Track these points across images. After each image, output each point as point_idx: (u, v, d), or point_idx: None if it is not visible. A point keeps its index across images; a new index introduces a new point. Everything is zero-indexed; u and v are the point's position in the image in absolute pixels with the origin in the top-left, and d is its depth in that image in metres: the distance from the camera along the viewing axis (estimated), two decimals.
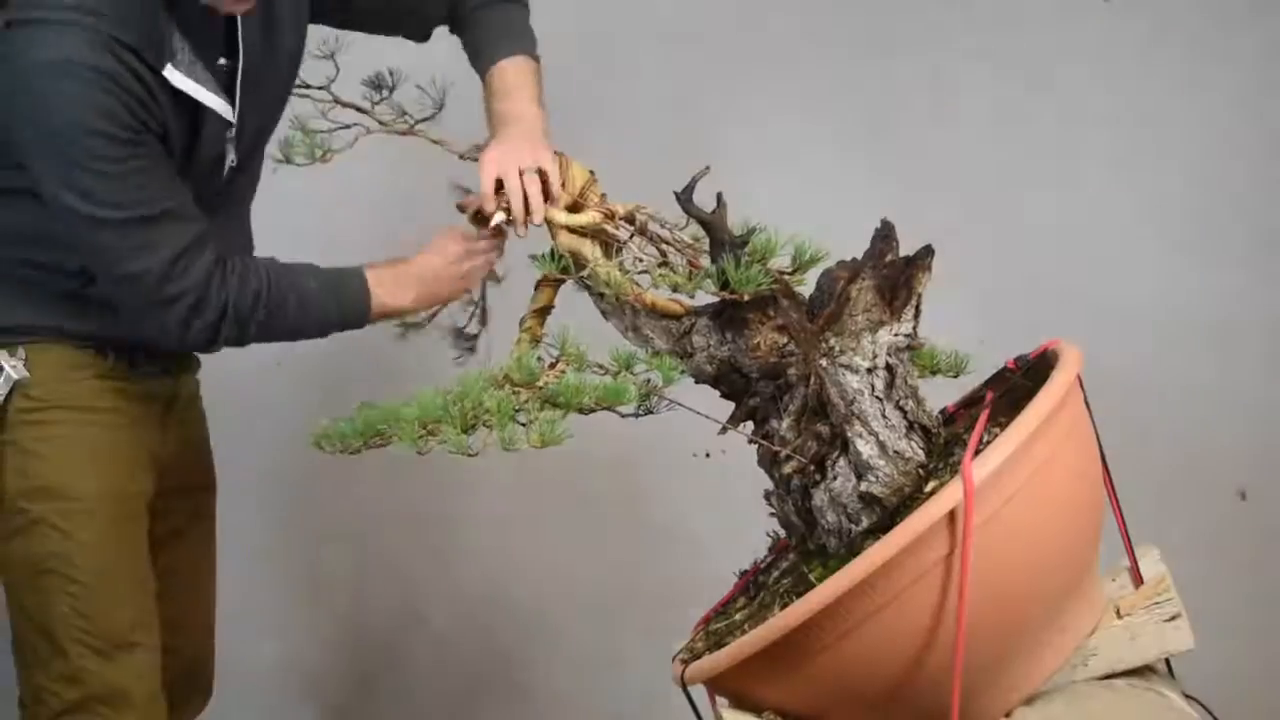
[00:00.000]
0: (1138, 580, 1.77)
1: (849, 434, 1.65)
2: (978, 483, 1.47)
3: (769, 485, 1.80)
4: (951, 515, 1.46)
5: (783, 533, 1.96)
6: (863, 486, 1.63)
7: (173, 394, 2.14)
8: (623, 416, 1.61)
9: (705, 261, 1.76)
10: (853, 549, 1.63)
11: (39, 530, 1.96)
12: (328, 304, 1.94)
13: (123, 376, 2.03)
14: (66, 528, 1.96)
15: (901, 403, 1.67)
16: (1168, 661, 1.80)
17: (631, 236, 1.78)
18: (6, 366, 1.96)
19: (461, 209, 1.94)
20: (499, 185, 1.84)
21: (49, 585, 1.96)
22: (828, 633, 1.49)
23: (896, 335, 1.67)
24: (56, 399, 1.97)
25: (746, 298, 1.64)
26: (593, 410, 1.59)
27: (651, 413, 1.62)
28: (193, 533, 2.23)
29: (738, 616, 1.79)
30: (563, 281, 1.80)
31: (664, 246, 1.79)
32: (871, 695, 1.55)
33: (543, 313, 1.81)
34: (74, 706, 1.97)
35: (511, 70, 2.05)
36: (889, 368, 1.66)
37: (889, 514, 1.62)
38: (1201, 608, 1.77)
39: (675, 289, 1.72)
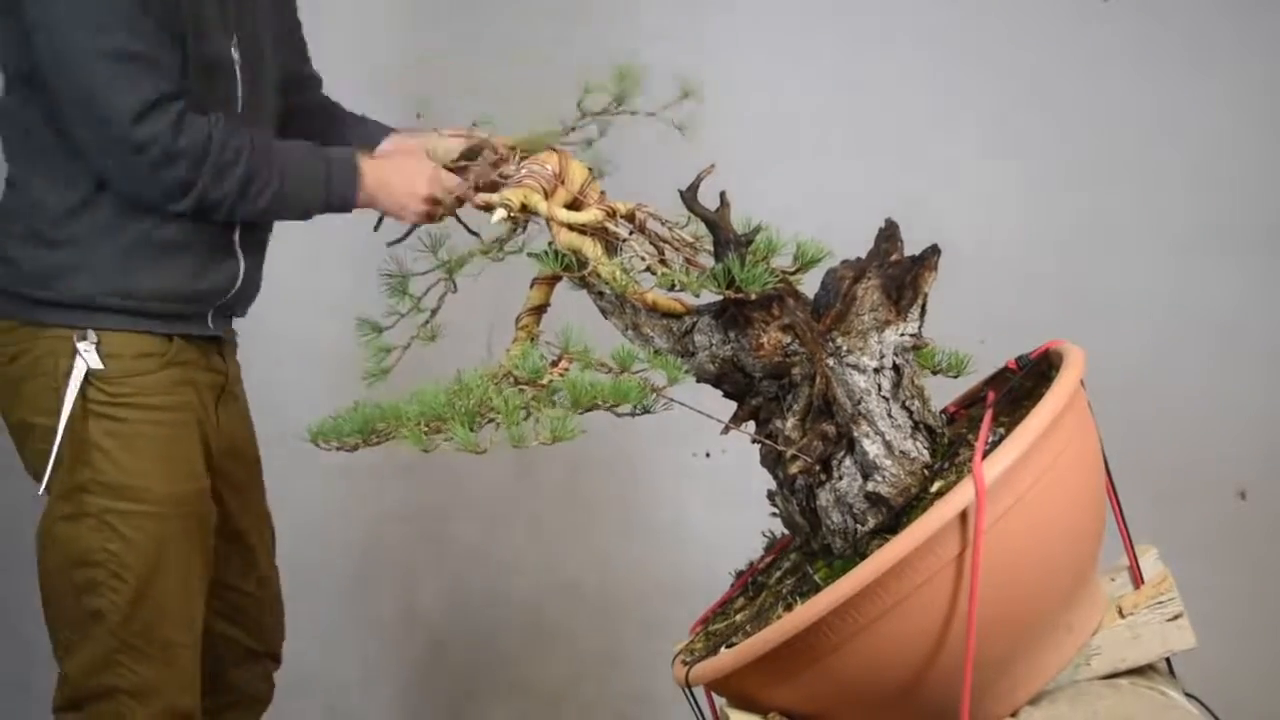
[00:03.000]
0: (1137, 580, 1.77)
1: (855, 434, 1.64)
2: (989, 482, 1.47)
3: (770, 485, 1.79)
4: (963, 515, 1.46)
5: (780, 532, 1.96)
6: (869, 486, 1.63)
7: (225, 376, 2.14)
8: (618, 415, 1.59)
9: (703, 260, 1.75)
10: (858, 549, 1.62)
11: (91, 524, 1.95)
12: (315, 168, 1.97)
13: (185, 360, 2.02)
14: (123, 529, 1.95)
15: (908, 403, 1.67)
16: (1168, 661, 1.80)
17: (631, 234, 1.77)
18: (80, 353, 1.93)
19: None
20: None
21: (90, 579, 1.95)
22: (837, 633, 1.49)
23: (903, 335, 1.67)
24: (127, 393, 1.96)
25: (754, 297, 1.63)
26: (596, 408, 1.57)
27: (649, 411, 1.60)
28: (248, 511, 2.25)
29: (738, 617, 1.78)
30: (558, 279, 1.79)
31: (664, 244, 1.78)
32: (880, 696, 1.54)
33: (538, 310, 1.79)
34: (99, 693, 1.97)
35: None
36: (896, 368, 1.66)
37: (895, 514, 1.62)
38: (1201, 607, 1.77)
39: (673, 288, 1.71)
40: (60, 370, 1.93)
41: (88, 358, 1.92)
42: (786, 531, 1.95)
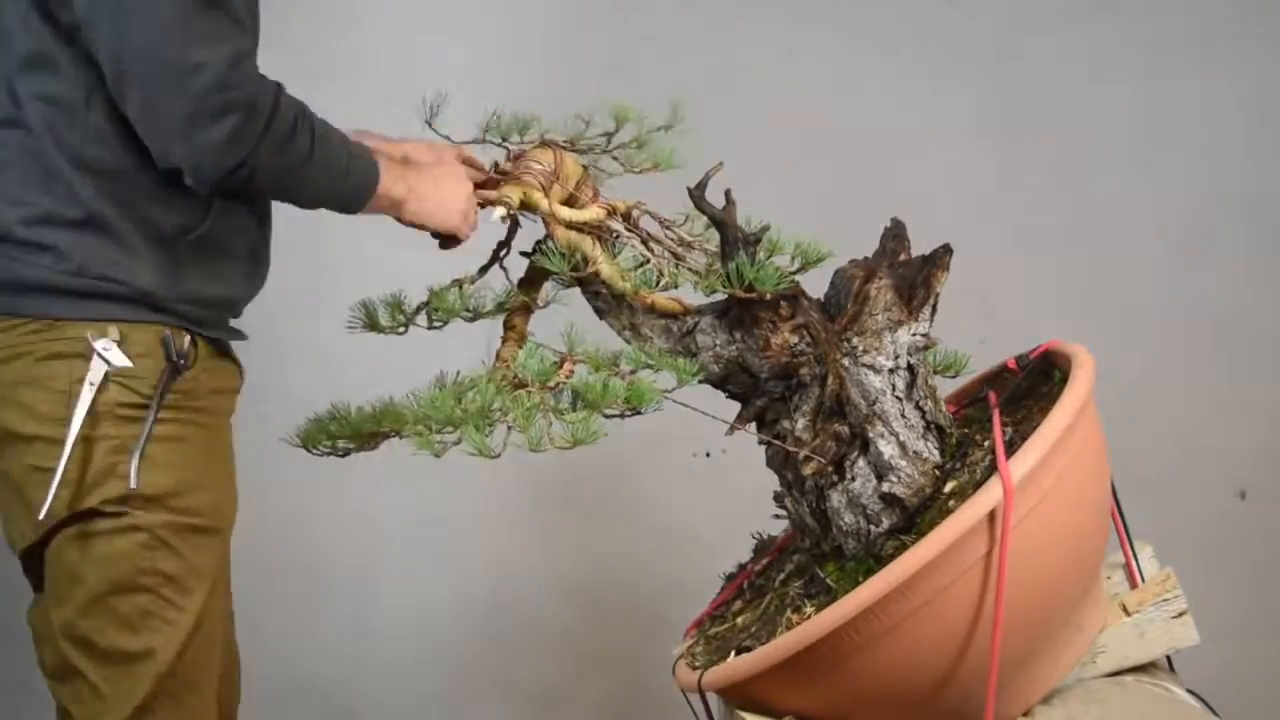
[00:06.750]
0: (1134, 578, 1.78)
1: (870, 434, 1.64)
2: (1016, 482, 1.48)
3: (773, 485, 1.78)
4: (990, 515, 1.47)
5: (773, 534, 1.96)
6: (884, 487, 1.62)
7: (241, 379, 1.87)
8: (607, 417, 1.57)
9: (693, 259, 1.74)
10: (872, 550, 1.62)
11: (136, 541, 1.65)
12: (343, 159, 1.69)
13: (215, 368, 1.75)
14: (176, 545, 1.67)
15: (921, 403, 1.66)
16: (1169, 658, 1.80)
17: (630, 233, 1.76)
18: (98, 350, 1.62)
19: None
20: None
21: (140, 609, 1.66)
22: (863, 635, 1.49)
23: (915, 335, 1.66)
24: (159, 391, 1.66)
25: (768, 296, 1.62)
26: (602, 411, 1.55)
27: (639, 413, 1.59)
28: None
29: (739, 620, 1.77)
30: (545, 278, 1.77)
31: (664, 244, 1.77)
32: (901, 697, 1.54)
33: (528, 310, 1.77)
34: None
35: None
36: (910, 368, 1.66)
37: (909, 515, 1.61)
38: (1201, 607, 1.77)
39: (679, 287, 1.70)
40: (72, 374, 1.63)
41: (108, 355, 1.63)
42: (779, 534, 1.94)
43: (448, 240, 1.80)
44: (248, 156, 1.58)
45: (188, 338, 1.70)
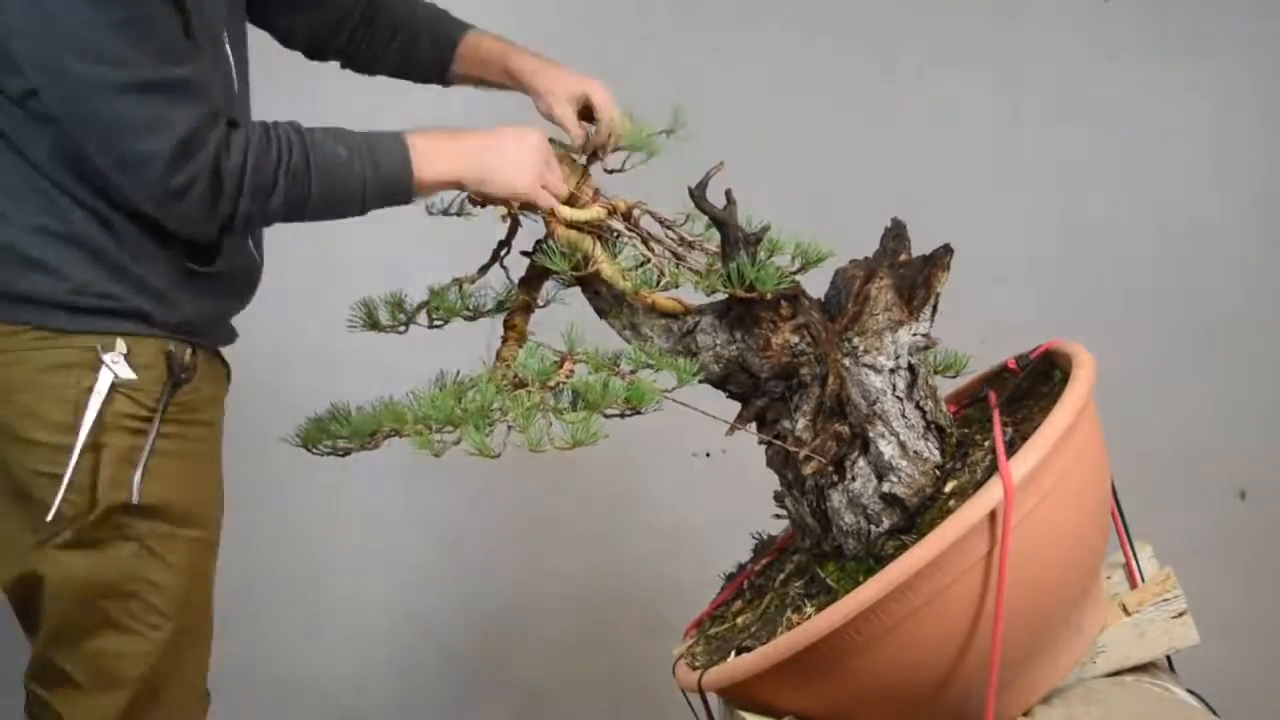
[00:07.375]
0: (1134, 578, 1.78)
1: (870, 434, 1.64)
2: (1017, 482, 1.48)
3: (773, 485, 1.78)
4: (991, 515, 1.47)
5: (773, 534, 1.96)
6: (884, 487, 1.63)
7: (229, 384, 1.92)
8: (607, 417, 1.57)
9: (694, 259, 1.74)
10: (872, 550, 1.62)
11: (128, 549, 1.69)
12: (359, 170, 1.68)
13: (211, 374, 1.81)
14: (164, 554, 1.71)
15: (921, 403, 1.66)
16: (1169, 658, 1.80)
17: (630, 232, 1.76)
18: (106, 362, 1.66)
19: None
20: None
21: (123, 613, 1.71)
22: (862, 635, 1.49)
23: (915, 335, 1.67)
24: (162, 405, 1.71)
25: (769, 296, 1.62)
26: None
27: (639, 413, 1.59)
28: None
29: (739, 621, 1.77)
30: (545, 278, 1.77)
31: (666, 243, 1.77)
32: (901, 697, 1.54)
33: (527, 310, 1.77)
34: None
35: (491, 38, 2.03)
36: (910, 368, 1.66)
37: (910, 515, 1.62)
38: (1201, 607, 1.78)
39: (679, 286, 1.70)
40: (80, 383, 1.66)
41: (115, 368, 1.67)
42: (779, 534, 1.95)
43: (527, 208, 1.76)
44: (233, 211, 1.64)
45: (189, 350, 1.74)
